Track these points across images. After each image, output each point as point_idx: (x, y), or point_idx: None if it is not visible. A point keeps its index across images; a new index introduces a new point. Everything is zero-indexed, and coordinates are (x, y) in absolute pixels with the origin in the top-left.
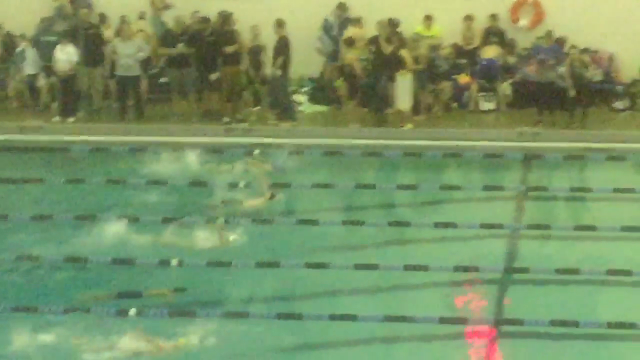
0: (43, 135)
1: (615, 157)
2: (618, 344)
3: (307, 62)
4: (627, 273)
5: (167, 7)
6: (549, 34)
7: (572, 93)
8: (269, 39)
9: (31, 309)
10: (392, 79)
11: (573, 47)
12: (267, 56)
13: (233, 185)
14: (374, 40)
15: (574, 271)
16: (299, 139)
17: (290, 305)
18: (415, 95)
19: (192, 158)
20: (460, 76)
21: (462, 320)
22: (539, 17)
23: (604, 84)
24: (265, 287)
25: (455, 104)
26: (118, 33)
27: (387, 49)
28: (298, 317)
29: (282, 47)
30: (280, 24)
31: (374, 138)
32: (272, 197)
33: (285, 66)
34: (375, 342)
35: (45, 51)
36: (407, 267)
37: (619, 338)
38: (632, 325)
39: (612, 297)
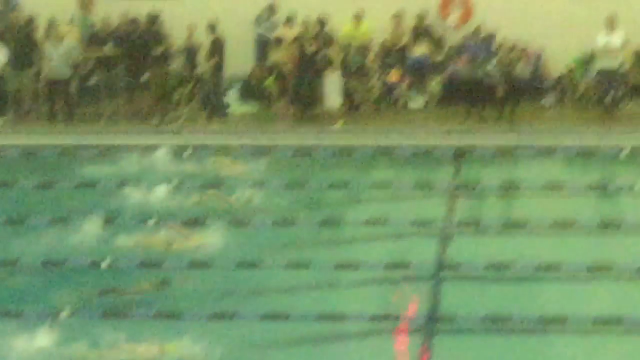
0: None
1: (544, 153)
2: (550, 338)
3: (236, 62)
4: (558, 267)
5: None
6: (477, 30)
7: (501, 89)
8: (202, 39)
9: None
10: (319, 77)
11: (502, 43)
12: (201, 56)
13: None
14: (298, 40)
15: (506, 267)
16: (230, 138)
17: (222, 305)
18: (344, 93)
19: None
20: (389, 74)
21: (395, 318)
22: (467, 14)
23: (533, 80)
24: (197, 286)
25: (384, 102)
26: (47, 35)
27: (311, 48)
28: (230, 316)
29: (216, 49)
30: (212, 26)
31: (304, 137)
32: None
33: (218, 67)
34: (308, 341)
35: None
36: (338, 265)
37: (552, 332)
38: (564, 320)
39: (543, 292)
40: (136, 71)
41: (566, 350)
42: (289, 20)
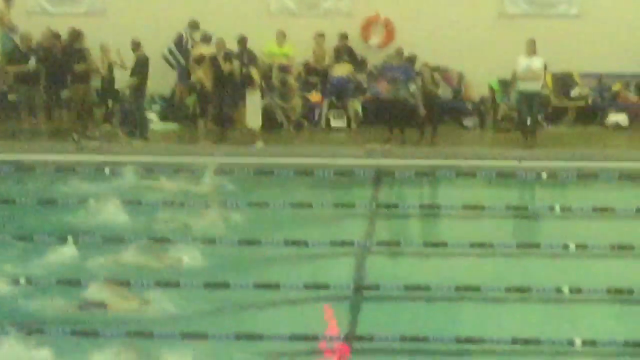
0: None
1: (464, 174)
2: (467, 359)
3: (157, 79)
4: (476, 289)
5: (13, 29)
6: (399, 51)
7: (422, 111)
8: (125, 57)
9: None
10: (240, 97)
11: (425, 65)
12: (123, 73)
13: None
14: (213, 59)
15: (425, 287)
16: (151, 156)
17: (140, 324)
18: (266, 112)
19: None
20: (311, 94)
21: (313, 338)
22: (389, 36)
23: (454, 102)
24: None
25: (306, 122)
26: None
27: (226, 66)
28: (148, 336)
29: (140, 67)
30: (137, 43)
31: (225, 156)
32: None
33: (141, 85)
34: None
35: None
36: (257, 285)
37: (468, 353)
38: (481, 341)
39: (461, 313)
40: (57, 88)
41: None
42: (205, 39)
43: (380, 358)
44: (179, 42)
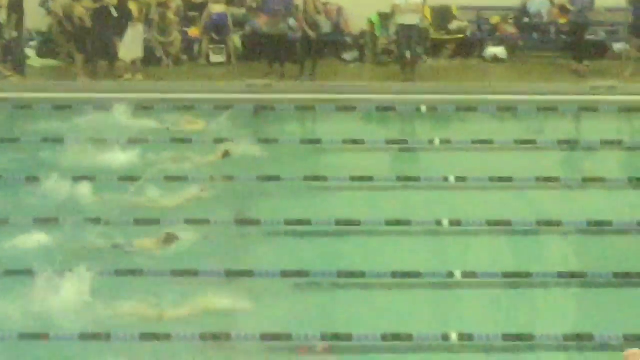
0: None
1: (344, 108)
2: (351, 293)
3: (34, 16)
4: (357, 223)
5: None
6: None
7: (302, 45)
8: None
9: None
10: (119, 30)
11: None
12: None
13: None
14: None
15: (305, 222)
16: (29, 93)
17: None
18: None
19: None
20: (190, 29)
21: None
22: None
23: (334, 36)
24: None
25: (185, 57)
26: None
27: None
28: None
29: (16, 5)
30: None
31: (105, 91)
32: (225, 154)
33: (19, 22)
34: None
35: None
36: None
37: (349, 286)
38: (362, 274)
39: (342, 247)
40: None
41: (365, 303)
42: None
43: (264, 294)
44: None
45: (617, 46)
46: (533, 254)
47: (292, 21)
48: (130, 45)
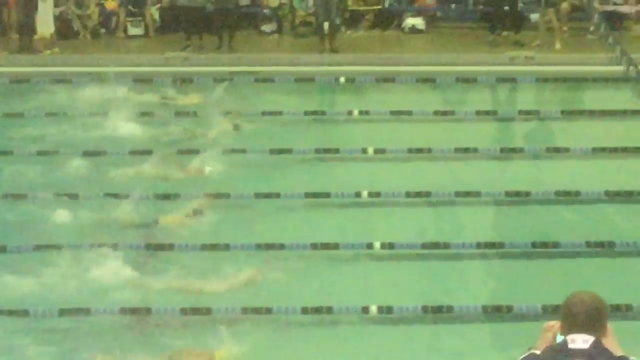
0: None
1: (263, 80)
2: (268, 267)
3: None
4: (276, 195)
5: None
6: None
7: (220, 17)
8: None
9: None
10: (34, 5)
11: None
12: None
13: None
14: None
15: (225, 195)
16: None
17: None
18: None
19: None
20: (107, 2)
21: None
22: None
23: (252, 8)
24: None
25: (103, 30)
26: None
27: None
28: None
29: None
30: None
31: (21, 65)
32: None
33: None
34: None
35: None
36: None
37: (269, 260)
38: (281, 247)
39: (260, 221)
40: None
41: (284, 276)
42: None
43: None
44: None
45: (534, 17)
46: (452, 225)
47: None
48: (43, 19)
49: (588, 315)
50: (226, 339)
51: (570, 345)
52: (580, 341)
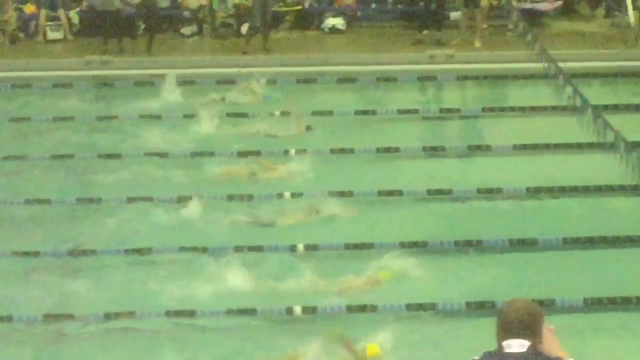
0: None
1: (184, 83)
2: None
3: None
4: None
5: None
6: None
7: (139, 20)
8: None
9: None
10: None
11: None
12: None
13: None
14: None
15: (144, 198)
16: None
17: None
18: None
19: None
20: (26, 5)
21: None
22: None
23: (171, 10)
24: None
25: (22, 34)
26: None
27: None
28: None
29: None
30: None
31: None
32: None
33: None
34: None
35: None
36: None
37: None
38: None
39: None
40: None
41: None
42: None
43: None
44: None
45: (454, 15)
46: (375, 224)
47: None
48: None
49: (522, 321)
50: None
51: (506, 350)
52: (516, 346)
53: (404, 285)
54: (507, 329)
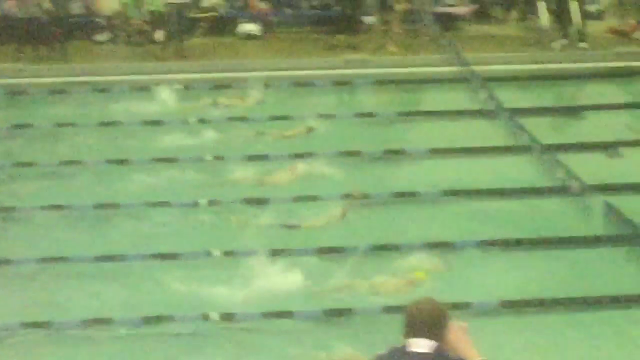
0: None
1: (99, 90)
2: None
3: None
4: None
5: None
6: None
7: (53, 27)
8: None
9: None
10: None
11: None
12: None
13: None
14: None
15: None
16: None
17: None
18: None
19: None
20: None
21: None
22: None
23: (85, 17)
24: None
25: None
26: None
27: None
28: None
29: None
30: None
31: None
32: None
33: None
34: None
35: None
36: None
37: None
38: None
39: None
40: None
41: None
42: None
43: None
44: None
45: (368, 19)
46: (290, 231)
47: (45, 4)
48: None
49: (427, 322)
50: None
51: (411, 349)
52: (420, 345)
53: (309, 292)
54: (412, 328)
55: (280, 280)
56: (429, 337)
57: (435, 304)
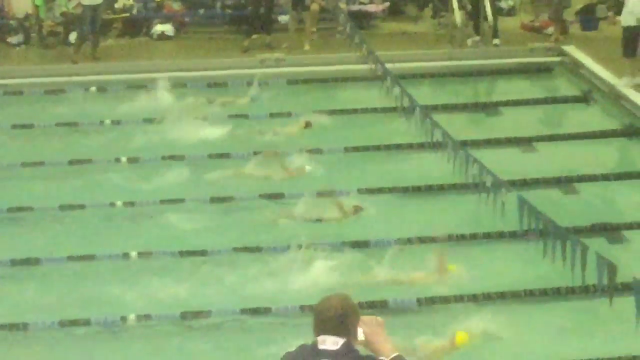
0: None
1: (12, 92)
2: None
3: None
4: (29, 209)
5: None
6: None
7: None
8: None
9: None
10: None
11: None
12: None
13: None
14: None
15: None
16: None
17: None
18: None
19: None
20: None
21: None
22: None
23: None
24: None
25: None
26: None
27: None
28: None
29: None
30: None
31: None
32: (307, 125)
33: None
34: None
35: None
36: None
37: None
38: (37, 261)
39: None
40: None
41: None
42: None
43: None
44: None
45: (283, 18)
46: (209, 229)
47: None
48: None
49: (335, 318)
50: None
51: (320, 346)
52: (330, 342)
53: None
54: (322, 325)
55: (309, 273)
56: (338, 333)
57: (344, 300)
